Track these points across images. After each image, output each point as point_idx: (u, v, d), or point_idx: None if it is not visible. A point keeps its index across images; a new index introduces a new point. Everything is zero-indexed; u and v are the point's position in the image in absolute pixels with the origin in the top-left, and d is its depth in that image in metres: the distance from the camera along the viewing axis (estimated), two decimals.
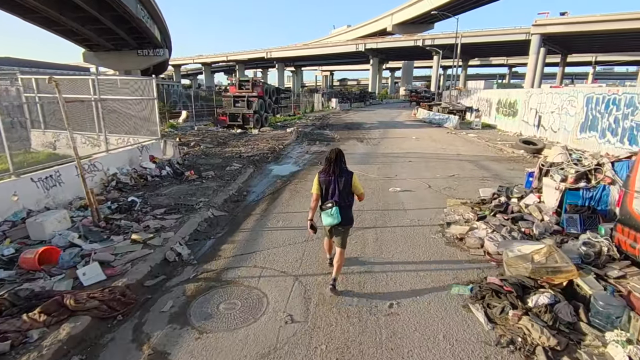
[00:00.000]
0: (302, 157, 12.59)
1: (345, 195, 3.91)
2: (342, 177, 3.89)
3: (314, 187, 4.01)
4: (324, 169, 3.98)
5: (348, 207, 3.98)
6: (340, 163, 3.94)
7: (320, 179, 3.96)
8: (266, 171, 10.32)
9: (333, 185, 3.89)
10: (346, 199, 3.94)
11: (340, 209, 3.86)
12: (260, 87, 21.36)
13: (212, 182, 8.61)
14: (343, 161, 3.99)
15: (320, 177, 3.96)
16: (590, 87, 13.28)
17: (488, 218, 5.93)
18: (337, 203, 3.86)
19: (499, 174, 9.89)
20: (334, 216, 3.84)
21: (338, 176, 3.89)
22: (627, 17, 42.84)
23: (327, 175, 3.92)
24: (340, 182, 3.88)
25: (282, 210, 6.91)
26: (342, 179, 3.89)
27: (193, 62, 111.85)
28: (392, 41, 72.81)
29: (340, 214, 3.84)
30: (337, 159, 3.92)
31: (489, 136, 18.00)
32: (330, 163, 3.92)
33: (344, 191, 3.90)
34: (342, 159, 3.97)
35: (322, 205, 3.96)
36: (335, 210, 3.83)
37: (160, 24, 47.98)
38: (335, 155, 3.93)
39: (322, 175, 3.96)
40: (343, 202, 3.91)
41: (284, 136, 17.59)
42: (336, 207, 3.84)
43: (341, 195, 3.89)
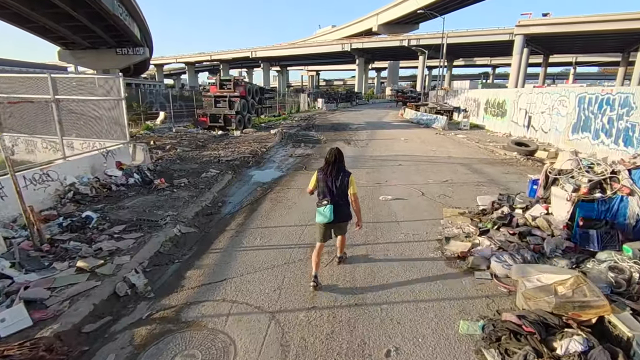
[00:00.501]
0: (285, 161, 11.81)
1: (341, 194, 4.04)
2: (340, 177, 4.03)
3: (311, 183, 4.22)
4: (324, 167, 4.11)
5: (344, 205, 4.09)
6: (340, 162, 4.09)
7: (319, 176, 4.10)
8: (246, 177, 9.51)
9: (330, 184, 4.01)
10: (343, 197, 4.07)
11: (336, 206, 3.98)
12: (243, 87, 20.46)
13: (184, 192, 7.76)
14: (342, 161, 4.13)
15: (319, 175, 4.11)
16: (582, 87, 12.95)
17: (491, 232, 5.29)
18: (331, 201, 3.97)
19: (494, 178, 9.34)
20: (327, 214, 3.96)
21: (335, 176, 4.02)
22: (607, 19, 43.55)
23: (326, 174, 4.05)
24: (337, 181, 4.01)
25: (261, 224, 6.13)
26: (339, 178, 4.02)
27: (176, 62, 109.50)
28: (377, 41, 72.65)
29: (334, 212, 3.96)
30: (336, 158, 4.07)
31: (479, 137, 17.58)
32: (329, 162, 4.07)
33: (340, 190, 4.03)
34: (341, 158, 4.12)
35: (318, 203, 4.08)
36: (329, 208, 3.94)
37: (140, 22, 46.37)
38: (334, 155, 4.08)
39: (321, 173, 4.09)
40: (340, 200, 4.04)
41: (267, 138, 16.76)
42: (330, 206, 3.94)
43: (337, 194, 4.02)
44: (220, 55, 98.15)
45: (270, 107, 27.00)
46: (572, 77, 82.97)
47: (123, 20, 39.32)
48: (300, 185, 8.58)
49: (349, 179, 4.07)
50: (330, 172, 4.04)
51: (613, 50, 59.38)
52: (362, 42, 73.15)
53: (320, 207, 4.02)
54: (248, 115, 21.04)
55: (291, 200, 7.45)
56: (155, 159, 11.12)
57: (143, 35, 50.53)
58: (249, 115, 21.11)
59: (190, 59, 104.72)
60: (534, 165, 10.90)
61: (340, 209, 4.02)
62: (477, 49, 68.56)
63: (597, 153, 11.71)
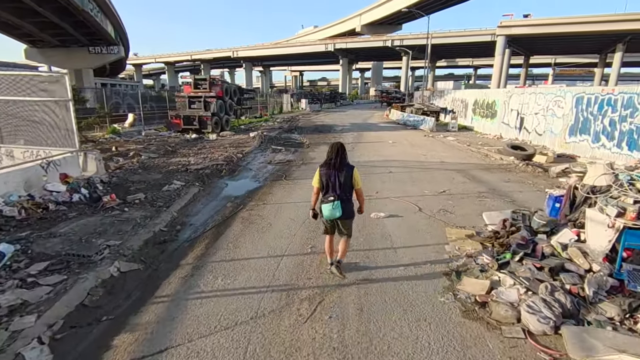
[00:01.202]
0: (263, 168, 10.59)
1: (346, 188, 3.99)
2: (344, 171, 3.95)
3: (315, 180, 4.09)
4: (326, 163, 4.02)
5: (348, 201, 4.05)
6: (342, 157, 3.98)
7: (321, 172, 4.02)
8: (216, 190, 8.25)
9: (334, 179, 3.95)
10: (347, 193, 4.01)
11: (342, 202, 3.92)
12: (219, 87, 19.10)
13: (137, 211, 6.47)
14: (345, 155, 4.03)
15: (321, 171, 4.02)
16: (581, 87, 12.26)
17: (512, 265, 4.25)
18: (338, 196, 3.92)
19: (495, 188, 8.38)
20: (335, 209, 3.90)
21: (339, 170, 3.95)
22: (584, 20, 44.06)
23: (329, 169, 3.97)
24: (341, 175, 3.94)
25: (226, 255, 4.92)
26: (343, 172, 3.95)
27: (155, 62, 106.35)
28: (361, 41, 72.08)
29: (341, 207, 3.91)
30: (338, 153, 3.96)
31: (469, 139, 16.78)
32: (332, 157, 3.97)
33: (345, 185, 3.97)
34: (343, 153, 4.01)
35: (324, 198, 4.01)
36: (337, 204, 3.89)
37: (114, 19, 44.07)
38: (337, 149, 3.98)
39: (324, 168, 4.01)
40: (344, 196, 3.98)
41: (245, 142, 15.49)
42: (338, 201, 3.90)
43: (342, 189, 3.96)
44: (201, 55, 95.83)
45: (250, 108, 25.66)
46: (551, 78, 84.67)
47: (94, 17, 37.13)
48: (279, 200, 7.40)
49: (353, 174, 4.00)
50: (334, 167, 3.95)
51: (591, 52, 60.40)
52: (345, 42, 72.42)
53: (327, 203, 3.94)
54: (226, 117, 19.69)
55: (266, 219, 6.27)
56: (113, 168, 9.73)
57: (118, 34, 48.17)
58: (226, 117, 19.76)
59: (169, 59, 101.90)
60: (534, 171, 10.03)
61: (345, 205, 3.97)
62: (459, 49, 68.86)
63: (596, 156, 10.99)
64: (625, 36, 45.80)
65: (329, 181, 3.96)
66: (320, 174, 4.02)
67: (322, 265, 4.60)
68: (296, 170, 10.30)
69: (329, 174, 3.97)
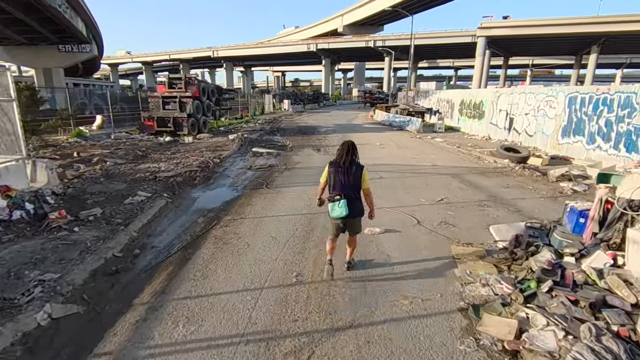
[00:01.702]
0: (242, 175, 9.65)
1: (354, 188, 3.92)
2: (352, 170, 3.89)
3: (323, 176, 4.06)
4: (335, 161, 3.98)
5: (357, 199, 3.97)
6: (352, 156, 3.91)
7: (330, 169, 3.97)
8: (187, 202, 7.27)
9: (342, 177, 3.88)
10: (355, 192, 3.95)
11: (349, 201, 3.85)
12: (196, 86, 17.97)
13: (89, 231, 5.45)
14: (355, 154, 3.96)
15: (330, 168, 3.98)
16: (573, 87, 11.86)
17: (541, 298, 3.52)
18: (345, 195, 3.84)
19: (496, 195, 7.73)
20: (342, 209, 3.82)
21: (348, 169, 3.89)
22: (561, 22, 44.87)
23: (338, 167, 3.92)
24: (350, 174, 3.88)
25: (192, 289, 4.01)
26: (352, 171, 3.89)
27: (132, 61, 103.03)
28: (343, 42, 71.62)
29: (348, 206, 3.82)
30: (349, 151, 3.90)
31: (457, 140, 16.27)
32: (342, 155, 3.91)
33: (353, 184, 3.91)
34: (354, 152, 3.94)
35: (330, 197, 3.93)
36: (343, 202, 3.82)
37: (85, 16, 41.85)
38: (347, 148, 3.92)
39: (333, 166, 3.97)
40: (352, 195, 3.91)
41: (224, 145, 14.47)
42: (344, 200, 3.82)
43: (350, 188, 3.89)
44: (180, 54, 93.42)
45: (230, 108, 24.53)
46: (529, 79, 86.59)
47: (63, 13, 35.06)
48: (259, 212, 6.51)
49: (362, 173, 3.95)
50: (343, 165, 3.89)
51: (567, 53, 61.81)
52: (328, 43, 71.80)
53: (334, 202, 3.88)
54: (203, 119, 18.58)
55: (243, 238, 5.37)
56: (70, 177, 8.59)
57: (90, 32, 45.89)
58: (204, 118, 18.64)
59: (147, 59, 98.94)
60: (532, 175, 9.48)
61: (353, 204, 3.88)
62: (441, 50, 69.38)
63: (592, 159, 10.57)
64: (599, 38, 46.93)
65: (337, 179, 3.90)
66: (329, 172, 3.97)
67: (310, 300, 3.76)
68: (279, 176, 9.41)
69: (337, 172, 3.91)
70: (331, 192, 3.95)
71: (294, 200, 7.26)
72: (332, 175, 3.94)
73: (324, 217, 6.16)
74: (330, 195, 3.92)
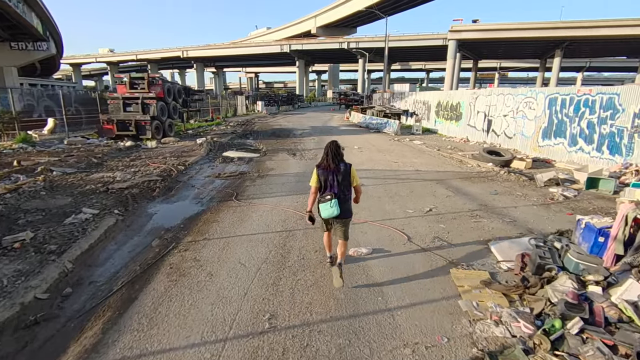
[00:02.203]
0: (209, 184, 8.67)
1: (344, 187, 3.95)
2: (341, 170, 3.91)
3: (313, 180, 4.00)
4: (322, 163, 3.98)
5: (347, 200, 4.01)
6: (338, 156, 3.95)
7: (319, 172, 3.95)
8: (141, 219, 6.25)
9: (332, 178, 3.90)
10: (345, 192, 3.97)
11: (339, 201, 3.87)
12: (160, 86, 16.69)
13: (11, 262, 4.38)
14: (341, 154, 3.99)
15: (318, 170, 3.96)
16: (553, 88, 11.68)
17: (571, 342, 2.87)
18: (335, 195, 3.87)
19: (485, 202, 7.20)
20: (333, 208, 3.84)
21: (336, 169, 3.90)
22: (527, 27, 46.28)
23: (326, 168, 3.92)
24: (339, 174, 3.90)
25: (134, 346, 3.08)
26: (340, 171, 3.91)
27: (96, 61, 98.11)
28: (317, 43, 71.06)
29: (339, 206, 3.85)
30: (334, 152, 3.94)
31: (436, 143, 15.91)
32: (328, 156, 3.94)
33: (343, 184, 3.93)
34: (339, 151, 3.97)
35: (321, 198, 3.94)
36: (334, 202, 3.85)
37: (40, 12, 38.91)
38: (332, 149, 3.95)
39: (321, 168, 3.95)
40: (342, 195, 3.93)
41: (191, 150, 13.36)
42: (335, 200, 3.85)
43: (340, 188, 3.91)
44: (148, 54, 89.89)
45: (199, 110, 23.21)
46: (497, 82, 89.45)
47: (14, 7, 32.35)
48: (226, 231, 5.61)
49: (350, 171, 3.95)
50: (330, 165, 3.90)
51: (533, 57, 64.08)
52: (301, 44, 71.03)
53: (324, 202, 3.88)
54: (169, 121, 17.31)
55: (205, 266, 4.47)
56: (3, 191, 7.33)
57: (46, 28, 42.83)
58: (170, 120, 17.38)
59: (112, 59, 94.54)
60: (518, 180, 9.07)
61: (342, 204, 3.90)
62: (413, 53, 70.30)
63: (574, 161, 10.35)
64: (563, 42, 48.78)
65: (327, 180, 3.92)
66: (318, 174, 3.96)
67: (287, 356, 2.94)
68: (250, 186, 8.51)
69: (326, 173, 3.91)
70: (321, 193, 3.96)
71: (268, 214, 6.41)
72: (322, 177, 3.93)
73: (302, 235, 5.38)
74: (321, 197, 3.94)
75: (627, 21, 40.42)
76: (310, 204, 4.08)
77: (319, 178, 3.93)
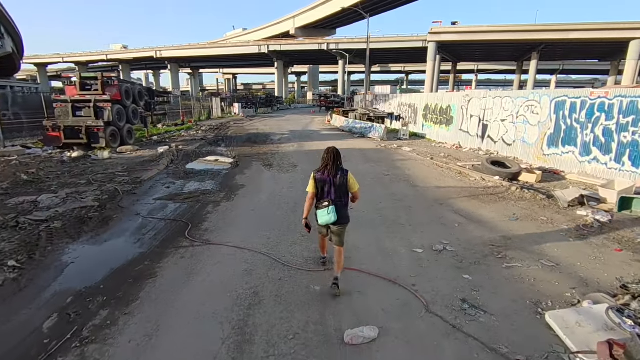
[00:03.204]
0: (160, 211, 6.86)
1: (341, 194, 3.92)
2: (338, 176, 3.89)
3: (310, 186, 3.98)
4: (320, 169, 3.94)
5: (344, 206, 3.96)
6: (337, 162, 3.93)
7: (316, 177, 3.94)
8: (47, 274, 4.42)
9: (330, 184, 3.88)
10: (342, 198, 3.94)
11: (336, 207, 3.84)
12: (116, 88, 14.63)
13: None
14: (339, 161, 3.98)
15: (316, 176, 3.94)
16: (560, 90, 10.51)
17: None
18: (333, 202, 3.85)
19: (509, 234, 5.73)
20: (330, 215, 3.82)
21: (334, 175, 3.87)
22: (504, 29, 46.40)
23: (324, 175, 3.90)
24: (337, 181, 3.87)
25: None
26: (338, 178, 3.88)
27: (63, 61, 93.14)
28: (296, 44, 69.46)
29: (336, 212, 3.82)
30: (334, 158, 3.91)
31: (427, 150, 14.57)
32: (327, 163, 3.90)
33: (340, 190, 3.90)
34: (338, 158, 3.96)
35: (318, 204, 3.92)
36: (331, 209, 3.81)
37: None
38: (332, 156, 3.92)
39: (319, 174, 3.93)
40: (339, 201, 3.90)
41: (149, 161, 11.44)
42: (332, 206, 3.82)
43: (337, 194, 3.90)
44: (119, 54, 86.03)
45: (165, 114, 21.09)
46: (474, 84, 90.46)
47: None
48: (162, 298, 3.85)
49: (347, 178, 3.92)
50: (330, 172, 3.87)
51: (510, 59, 64.71)
52: (280, 45, 69.24)
53: (322, 208, 3.85)
54: (128, 127, 15.24)
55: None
56: None
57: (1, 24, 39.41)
58: (129, 126, 15.30)
59: (81, 59, 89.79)
60: (535, 198, 7.68)
61: (340, 211, 3.86)
62: (392, 54, 69.87)
63: (588, 172, 9.13)
64: (539, 45, 49.21)
65: (324, 186, 3.88)
66: (316, 180, 3.92)
67: None
68: (212, 212, 6.76)
69: (324, 179, 3.88)
70: (319, 200, 3.93)
71: (228, 262, 4.72)
72: (319, 183, 3.90)
73: (274, 301, 3.65)
74: (318, 203, 3.91)
75: (600, 24, 40.94)
76: (307, 211, 4.00)
77: (317, 184, 3.90)
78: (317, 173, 3.92)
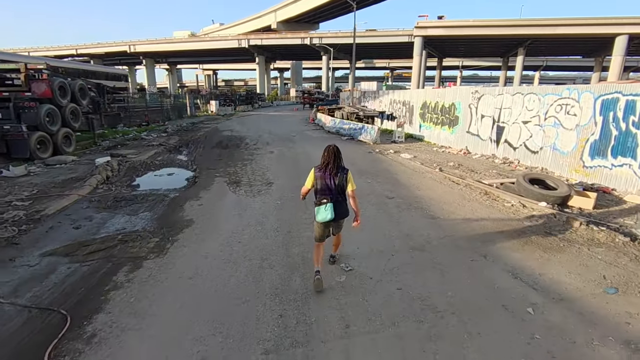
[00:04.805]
0: (35, 284, 4.17)
1: (339, 191, 3.93)
2: (338, 175, 3.90)
3: (308, 181, 3.99)
4: (321, 166, 3.94)
5: (343, 201, 3.98)
6: (338, 161, 3.92)
7: (316, 174, 3.94)
8: None
9: (329, 182, 3.89)
10: (341, 195, 3.96)
11: (335, 204, 3.88)
12: (46, 83, 11.66)
13: None
14: (340, 159, 3.97)
15: (316, 173, 3.95)
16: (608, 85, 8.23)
17: None
18: (331, 200, 3.87)
19: (616, 327, 3.36)
20: (327, 212, 3.83)
21: (334, 173, 3.89)
22: (490, 24, 44.90)
23: (324, 173, 3.90)
24: (336, 179, 3.89)
25: None
26: (337, 176, 3.90)
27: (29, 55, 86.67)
28: (278, 38, 66.41)
29: (334, 209, 3.86)
30: (334, 157, 3.90)
31: (430, 157, 12.21)
32: (327, 161, 3.90)
33: (339, 188, 3.92)
34: (339, 156, 3.95)
35: (317, 201, 3.94)
36: (329, 206, 3.83)
37: None
38: (332, 155, 3.90)
39: (319, 170, 3.94)
40: (338, 197, 3.93)
41: (75, 180, 8.63)
42: (330, 204, 3.84)
43: (336, 192, 3.91)
44: (90, 48, 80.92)
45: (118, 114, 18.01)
46: (459, 80, 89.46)
47: None
48: None
49: (347, 176, 3.95)
50: (329, 170, 3.89)
51: (496, 55, 63.44)
52: (261, 39, 66.01)
53: (320, 205, 3.88)
54: (65, 132, 12.28)
55: None
56: None
57: None
58: (66, 130, 12.33)
59: (48, 53, 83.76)
60: (613, 241, 5.36)
61: (339, 207, 3.90)
62: (377, 50, 67.84)
63: None
64: (525, 41, 48.02)
65: (323, 184, 3.89)
66: (315, 177, 3.93)
67: None
68: (122, 287, 4.11)
69: (324, 177, 3.90)
70: (318, 196, 3.94)
71: None
72: (319, 180, 3.90)
73: None
74: (317, 200, 3.91)
75: (587, 19, 39.76)
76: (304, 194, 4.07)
77: (316, 181, 3.92)
78: (317, 169, 3.93)
